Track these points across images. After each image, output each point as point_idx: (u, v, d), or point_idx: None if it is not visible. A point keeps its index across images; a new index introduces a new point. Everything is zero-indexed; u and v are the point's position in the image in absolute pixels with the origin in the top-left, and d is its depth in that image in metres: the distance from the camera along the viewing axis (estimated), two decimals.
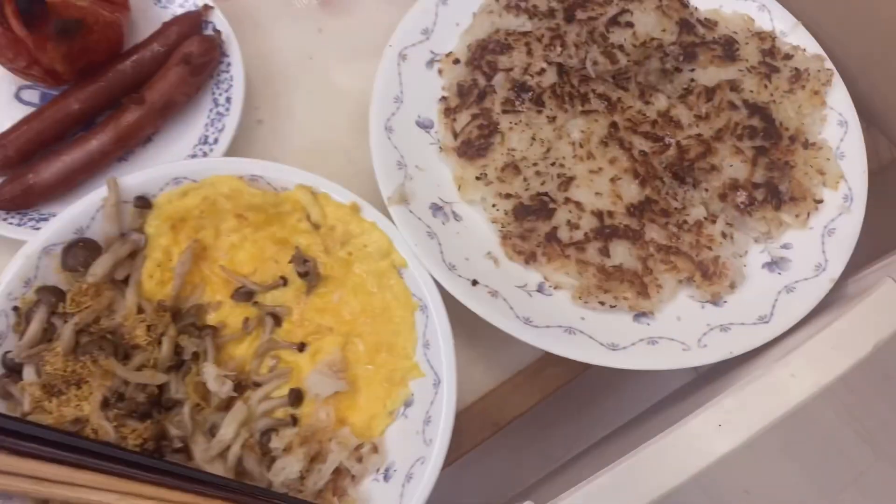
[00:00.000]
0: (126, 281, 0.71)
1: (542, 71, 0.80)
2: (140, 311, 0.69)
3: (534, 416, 0.79)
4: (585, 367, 0.77)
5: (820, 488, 1.73)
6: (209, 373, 0.69)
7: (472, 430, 0.74)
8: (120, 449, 0.64)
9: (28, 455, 0.62)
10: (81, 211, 0.70)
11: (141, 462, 0.64)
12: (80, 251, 0.69)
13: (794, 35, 0.86)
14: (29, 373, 0.66)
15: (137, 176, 0.71)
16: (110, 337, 0.68)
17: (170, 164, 0.72)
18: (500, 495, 1.04)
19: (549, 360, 0.77)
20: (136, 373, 0.67)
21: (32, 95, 0.81)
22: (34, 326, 0.66)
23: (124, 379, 0.67)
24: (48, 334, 0.67)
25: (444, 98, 0.81)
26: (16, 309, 0.67)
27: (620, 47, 0.83)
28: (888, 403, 1.75)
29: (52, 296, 0.67)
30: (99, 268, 0.69)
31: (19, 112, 0.80)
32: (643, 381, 1.22)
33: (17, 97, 0.81)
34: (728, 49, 0.83)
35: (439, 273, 0.70)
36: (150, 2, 0.84)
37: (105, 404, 0.65)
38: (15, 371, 0.66)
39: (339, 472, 0.68)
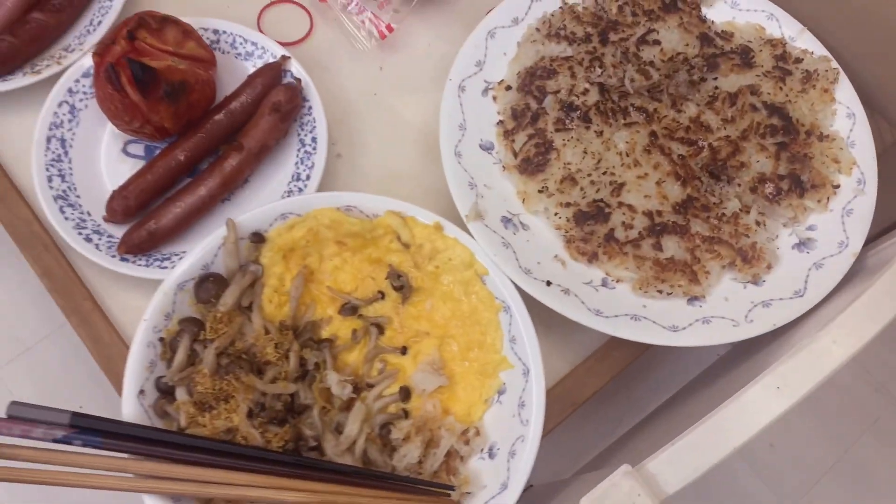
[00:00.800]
0: (250, 307, 0.82)
1: (586, 91, 0.91)
2: (266, 331, 0.80)
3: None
4: (646, 348, 0.88)
5: (838, 437, 1.85)
6: (332, 379, 0.80)
7: (555, 410, 0.85)
8: (267, 451, 0.76)
9: (191, 463, 0.74)
10: (206, 250, 0.81)
11: (285, 460, 0.76)
12: (210, 285, 0.80)
13: (801, 39, 0.97)
14: (181, 393, 0.77)
15: (250, 215, 0.82)
16: (245, 356, 0.79)
17: (277, 202, 0.82)
18: (571, 464, 1.16)
19: (613, 344, 0.89)
20: (272, 385, 0.78)
21: (137, 149, 0.92)
22: (181, 354, 0.77)
23: (262, 391, 0.78)
24: (192, 359, 0.78)
25: (500, 122, 0.92)
26: (161, 339, 0.78)
27: (651, 63, 0.94)
28: None
29: (194, 325, 0.78)
30: (229, 298, 0.80)
31: (127, 164, 0.91)
32: (682, 359, 1.34)
33: (125, 151, 0.92)
34: (745, 57, 0.94)
35: (517, 277, 0.81)
36: (231, 56, 0.94)
37: (250, 414, 0.76)
38: (168, 393, 0.77)
39: (450, 454, 0.80)
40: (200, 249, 0.80)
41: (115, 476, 0.72)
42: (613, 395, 1.52)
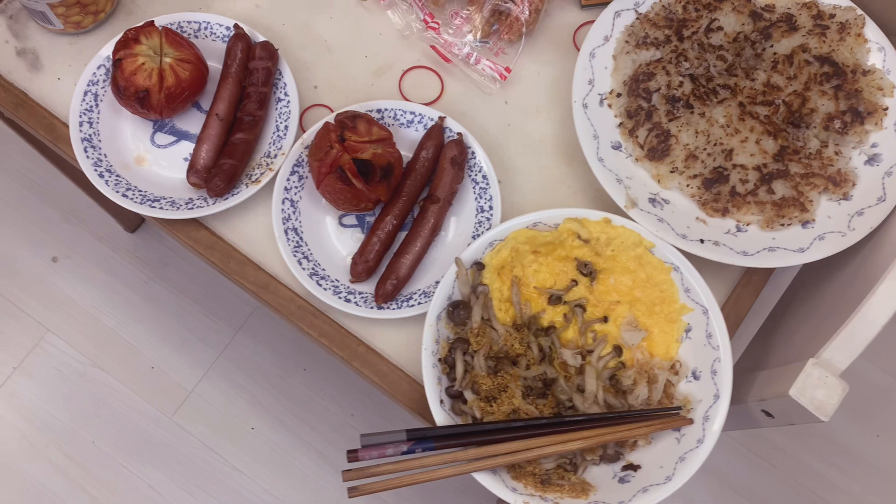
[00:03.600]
0: (488, 319, 1.07)
1: (681, 83, 1.15)
2: (508, 333, 1.06)
3: None
4: (773, 269, 1.15)
5: None
6: (566, 354, 1.06)
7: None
8: (543, 418, 1.02)
9: (496, 441, 1.00)
10: (446, 285, 1.05)
11: (557, 421, 1.02)
12: (459, 311, 1.05)
13: None
14: (469, 395, 1.02)
15: (468, 250, 1.06)
16: (503, 355, 1.05)
17: (484, 235, 1.06)
18: None
19: (751, 272, 1.15)
20: (528, 371, 1.04)
21: (350, 220, 1.14)
22: (459, 366, 1.02)
23: (524, 377, 1.04)
24: (467, 367, 1.03)
25: (621, 124, 1.16)
26: (440, 360, 1.03)
27: (721, 47, 1.17)
28: None
29: (463, 343, 1.03)
30: (476, 315, 1.05)
31: (346, 233, 1.13)
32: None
33: (341, 223, 1.14)
34: (789, 23, 1.19)
35: (678, 242, 1.07)
36: (396, 126, 1.16)
37: (524, 396, 1.03)
38: (458, 397, 1.03)
39: (666, 384, 1.07)
40: (443, 286, 1.05)
41: (450, 466, 0.98)
42: None
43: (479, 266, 1.07)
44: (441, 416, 1.01)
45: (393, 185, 1.09)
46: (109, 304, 1.99)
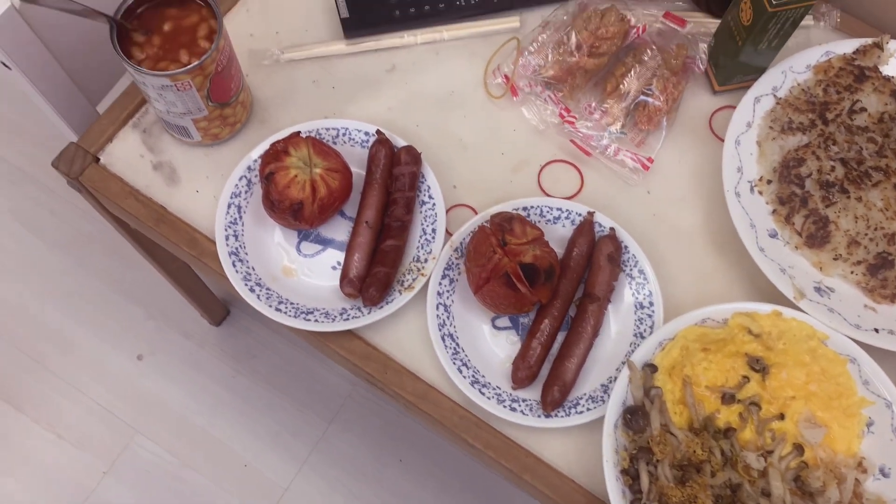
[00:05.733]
0: (665, 424, 1.02)
1: (833, 168, 1.13)
2: (688, 438, 1.01)
3: None
4: None
5: None
6: (750, 458, 1.01)
7: None
8: None
9: None
10: (620, 391, 1.01)
11: None
12: (638, 417, 1.00)
13: None
14: None
15: (638, 351, 1.02)
16: (686, 463, 1.00)
17: (653, 334, 1.03)
18: None
19: None
20: (714, 478, 0.99)
21: (503, 322, 1.11)
22: (644, 478, 0.98)
23: (712, 485, 0.99)
24: (651, 478, 0.99)
25: (774, 211, 1.13)
26: (622, 471, 0.99)
27: (865, 129, 1.16)
28: None
29: (646, 453, 0.99)
30: (655, 422, 1.00)
31: (499, 336, 1.10)
32: None
33: (494, 326, 1.11)
34: None
35: (852, 333, 1.03)
36: (543, 223, 1.13)
37: None
38: None
39: (854, 483, 1.02)
40: (617, 392, 1.01)
41: None
42: None
43: (651, 368, 1.03)
44: None
45: (554, 285, 1.06)
46: (197, 401, 1.94)
